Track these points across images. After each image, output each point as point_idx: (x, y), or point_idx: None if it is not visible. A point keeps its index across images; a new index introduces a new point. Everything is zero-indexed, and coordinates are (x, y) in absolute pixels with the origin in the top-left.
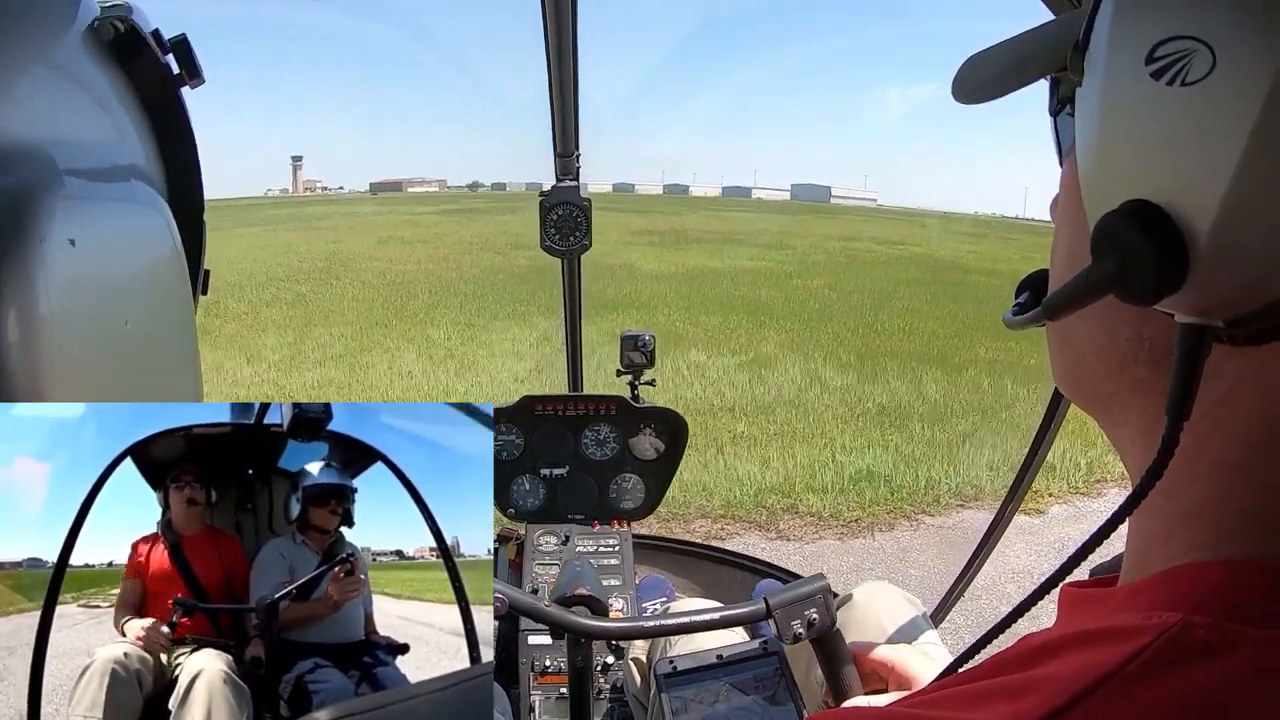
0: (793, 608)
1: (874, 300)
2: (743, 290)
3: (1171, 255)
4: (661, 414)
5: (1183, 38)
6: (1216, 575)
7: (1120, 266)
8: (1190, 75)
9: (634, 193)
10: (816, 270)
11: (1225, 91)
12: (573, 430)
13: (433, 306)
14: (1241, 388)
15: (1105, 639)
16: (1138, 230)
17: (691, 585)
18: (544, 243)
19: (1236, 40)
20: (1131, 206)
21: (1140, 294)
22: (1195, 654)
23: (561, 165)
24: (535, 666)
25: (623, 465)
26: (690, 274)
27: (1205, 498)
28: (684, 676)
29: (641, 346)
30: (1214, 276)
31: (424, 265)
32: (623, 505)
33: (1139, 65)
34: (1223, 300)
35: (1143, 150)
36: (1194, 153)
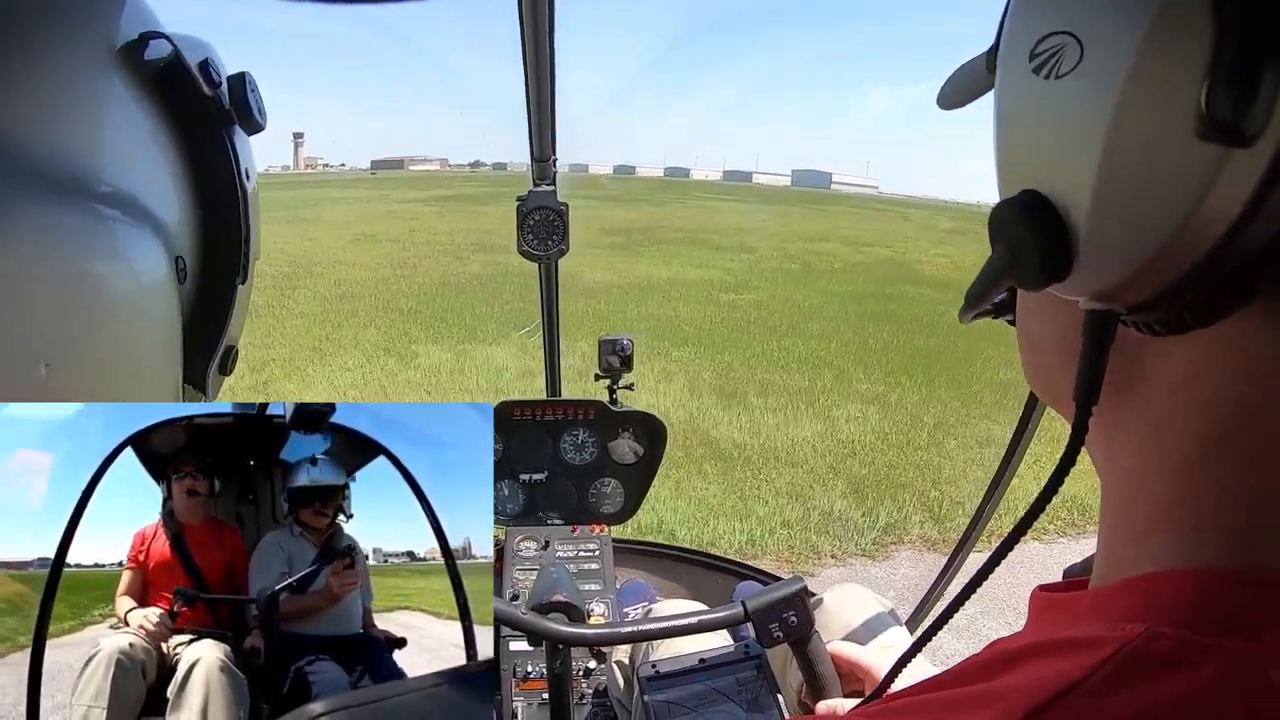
0: (770, 611)
1: (793, 320)
2: (666, 308)
3: (1054, 241)
4: (640, 418)
5: (1057, 33)
6: (1184, 584)
7: (1009, 254)
8: (1062, 68)
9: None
10: (760, 280)
11: (1090, 80)
12: (551, 435)
13: (364, 325)
14: (1187, 384)
15: (1068, 650)
16: (1022, 218)
17: (673, 588)
18: (521, 247)
19: (1100, 32)
20: (1020, 196)
21: (1030, 279)
22: (1159, 666)
23: (538, 170)
24: (517, 672)
25: (602, 469)
26: (628, 286)
27: (1164, 500)
28: (666, 680)
29: (620, 351)
30: (1098, 260)
31: (380, 273)
32: (602, 509)
33: (1025, 62)
34: (1115, 285)
35: (1028, 142)
36: (1067, 141)
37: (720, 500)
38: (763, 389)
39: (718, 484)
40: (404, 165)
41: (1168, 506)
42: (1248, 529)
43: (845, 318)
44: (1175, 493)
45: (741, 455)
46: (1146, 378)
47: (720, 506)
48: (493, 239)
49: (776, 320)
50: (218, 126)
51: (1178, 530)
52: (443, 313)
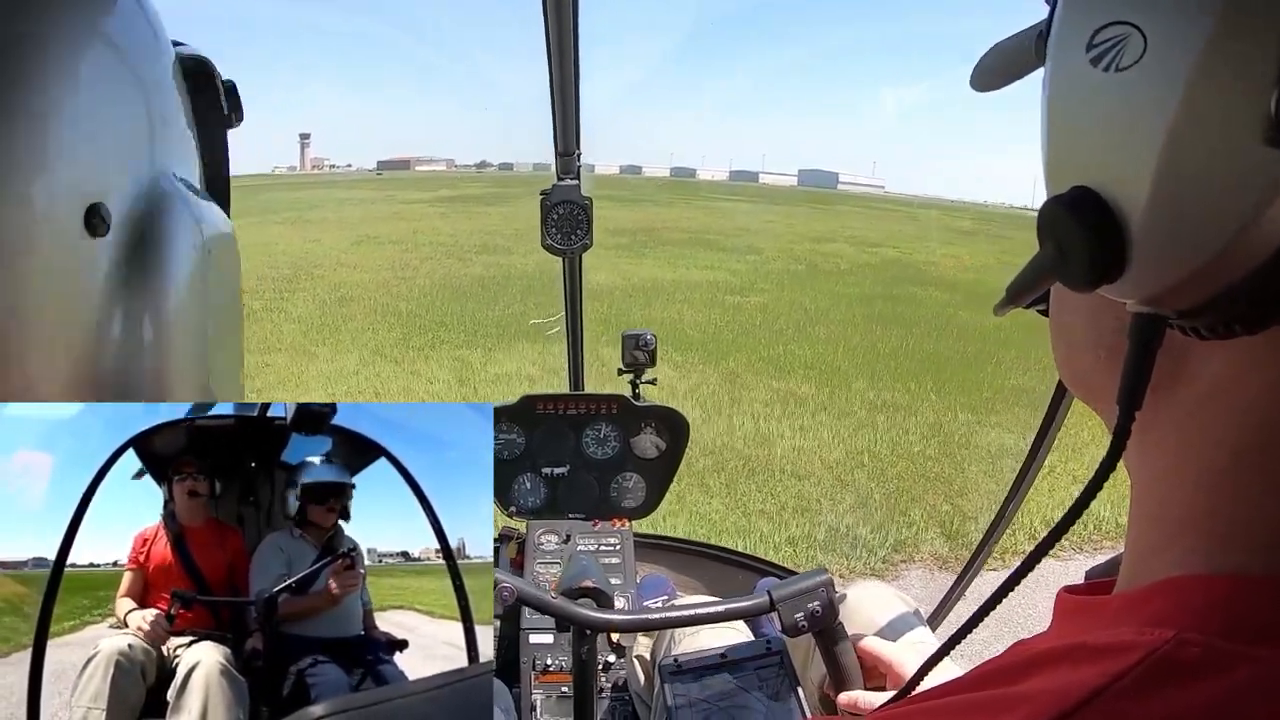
0: (796, 600)
1: (800, 324)
2: (670, 311)
3: (1106, 241)
4: (662, 413)
5: (1119, 23)
6: (1213, 590)
7: (1058, 252)
8: (1124, 60)
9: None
10: (766, 282)
11: (1154, 76)
12: (574, 429)
13: (361, 330)
14: (1227, 388)
15: (1095, 655)
16: (1073, 216)
17: (692, 583)
18: (545, 241)
19: (1165, 26)
20: (1073, 193)
21: (1079, 280)
22: (1187, 672)
23: (562, 164)
24: (536, 665)
25: (624, 464)
26: (633, 289)
27: (1196, 504)
28: (687, 673)
29: (643, 345)
30: (1152, 263)
31: (381, 275)
32: (624, 504)
33: (1081, 52)
34: (1167, 288)
35: (1083, 136)
36: (1126, 138)
37: (723, 516)
38: (768, 396)
39: (721, 498)
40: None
41: (1199, 512)
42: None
43: (853, 321)
44: (1207, 498)
45: (746, 467)
46: (1187, 379)
47: (723, 523)
48: (495, 241)
49: (783, 324)
50: (222, 130)
51: (1207, 536)
52: (434, 319)
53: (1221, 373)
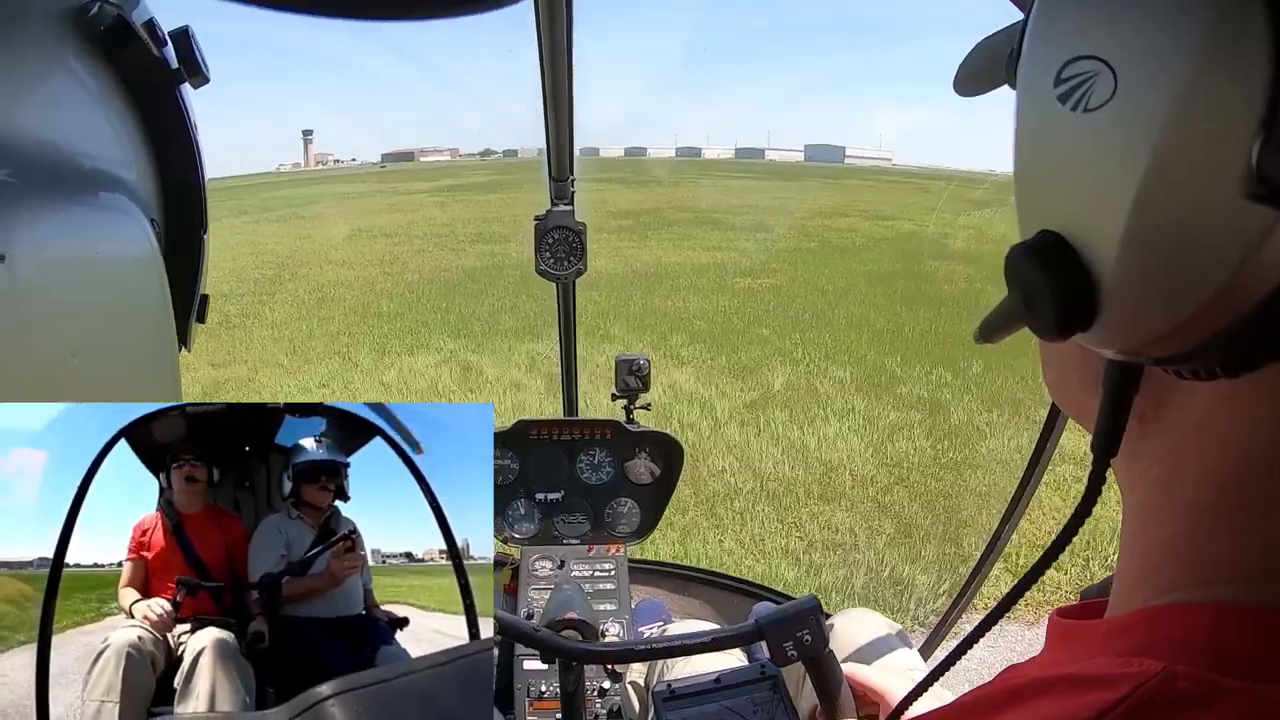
0: (784, 629)
1: (818, 308)
2: (674, 299)
3: (1073, 293)
4: (657, 438)
5: (1087, 58)
6: (1200, 619)
7: (1024, 301)
8: (1092, 100)
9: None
10: (778, 262)
11: (1125, 119)
12: (568, 454)
13: (335, 335)
14: (1211, 424)
15: (1082, 686)
16: (1038, 264)
17: (689, 608)
18: (539, 267)
19: (1137, 65)
20: (1039, 238)
21: (1046, 330)
22: (1175, 706)
23: (556, 189)
24: (530, 692)
25: (618, 489)
26: (636, 274)
27: (1180, 535)
28: (681, 699)
29: (636, 371)
30: (1125, 317)
31: (366, 272)
32: (618, 529)
33: (1049, 86)
34: (1146, 339)
35: (1050, 178)
36: (1095, 186)
37: (738, 560)
38: (786, 398)
39: (733, 534)
40: (414, 157)
41: (1182, 543)
42: (1264, 573)
43: (874, 302)
44: (1190, 530)
45: (764, 490)
46: (1174, 409)
47: (737, 568)
48: (492, 230)
49: (799, 309)
50: (169, 84)
51: (1191, 567)
52: (414, 319)
53: (1206, 407)
